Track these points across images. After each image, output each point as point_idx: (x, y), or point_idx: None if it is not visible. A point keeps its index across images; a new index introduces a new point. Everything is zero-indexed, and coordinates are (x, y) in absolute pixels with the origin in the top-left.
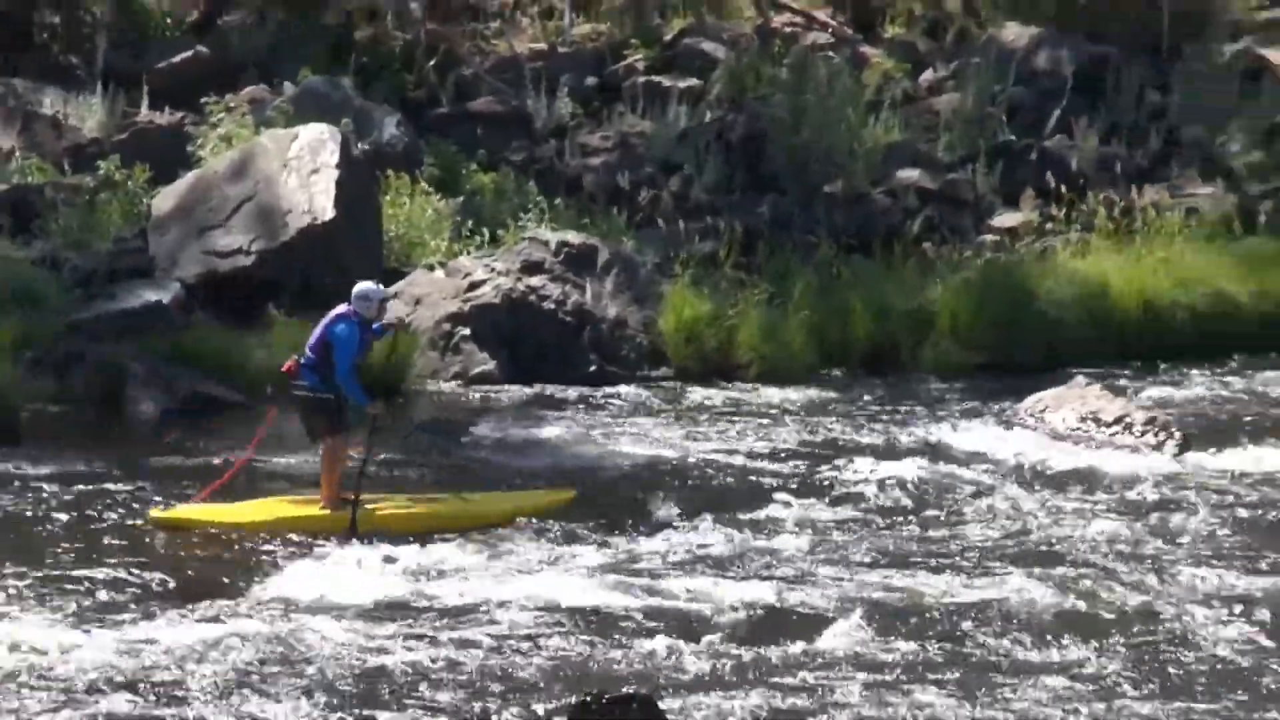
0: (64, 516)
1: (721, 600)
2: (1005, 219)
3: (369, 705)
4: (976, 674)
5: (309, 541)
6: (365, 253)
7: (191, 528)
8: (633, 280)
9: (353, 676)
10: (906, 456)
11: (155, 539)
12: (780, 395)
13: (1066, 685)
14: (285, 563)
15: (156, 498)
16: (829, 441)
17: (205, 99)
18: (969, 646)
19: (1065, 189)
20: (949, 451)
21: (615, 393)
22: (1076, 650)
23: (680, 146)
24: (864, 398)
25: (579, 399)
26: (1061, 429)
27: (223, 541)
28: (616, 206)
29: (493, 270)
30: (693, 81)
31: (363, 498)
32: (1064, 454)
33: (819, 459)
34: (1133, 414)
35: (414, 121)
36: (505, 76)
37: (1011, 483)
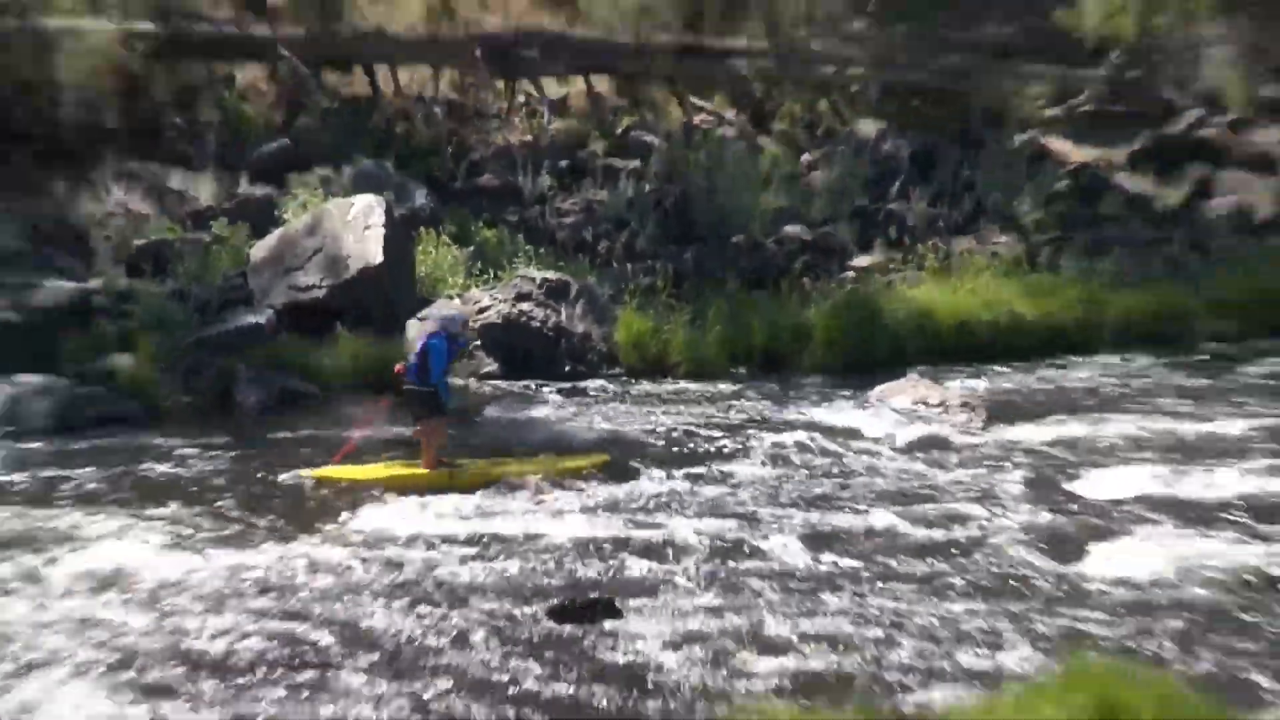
0: (194, 475)
1: (675, 531)
2: (861, 261)
3: (431, 602)
4: (859, 577)
5: (412, 493)
6: (404, 287)
7: (336, 482)
8: (595, 306)
9: (425, 585)
10: (795, 429)
11: (263, 489)
12: (702, 387)
13: (914, 589)
14: (390, 503)
15: (263, 461)
16: (740, 419)
17: (288, 177)
18: (853, 558)
19: (904, 239)
20: (823, 425)
21: (584, 386)
22: (918, 560)
23: (628, 210)
24: (762, 389)
25: (558, 391)
26: (901, 409)
27: (342, 491)
28: (583, 253)
29: (494, 299)
30: (636, 163)
31: (454, 461)
32: (902, 426)
33: (734, 431)
34: (950, 398)
35: (437, 193)
36: (502, 161)
37: (868, 446)
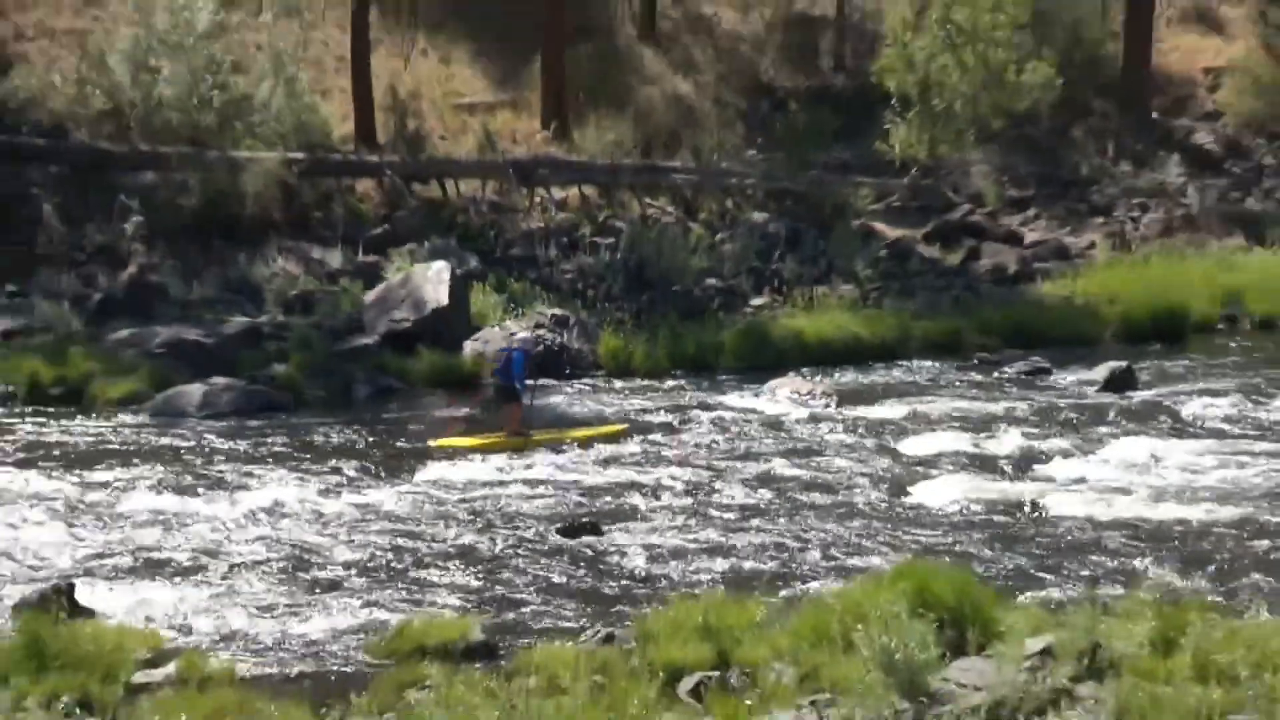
0: (327, 442)
1: (642, 477)
2: (756, 301)
3: (490, 523)
4: (763, 507)
5: (501, 453)
6: (462, 320)
7: (453, 449)
8: (585, 331)
9: (486, 512)
10: (718, 409)
11: (374, 450)
12: (655, 383)
13: (799, 515)
14: (460, 462)
15: (371, 431)
16: (681, 403)
17: (389, 250)
18: (760, 493)
19: (782, 288)
20: (736, 406)
21: (578, 385)
22: (801, 495)
23: (606, 270)
24: (694, 384)
25: (562, 387)
26: (784, 397)
27: (451, 454)
28: (577, 297)
29: (521, 327)
30: (612, 240)
31: (528, 433)
32: (786, 407)
33: (677, 410)
34: (816, 388)
35: (484, 260)
36: (525, 239)
37: (766, 420)
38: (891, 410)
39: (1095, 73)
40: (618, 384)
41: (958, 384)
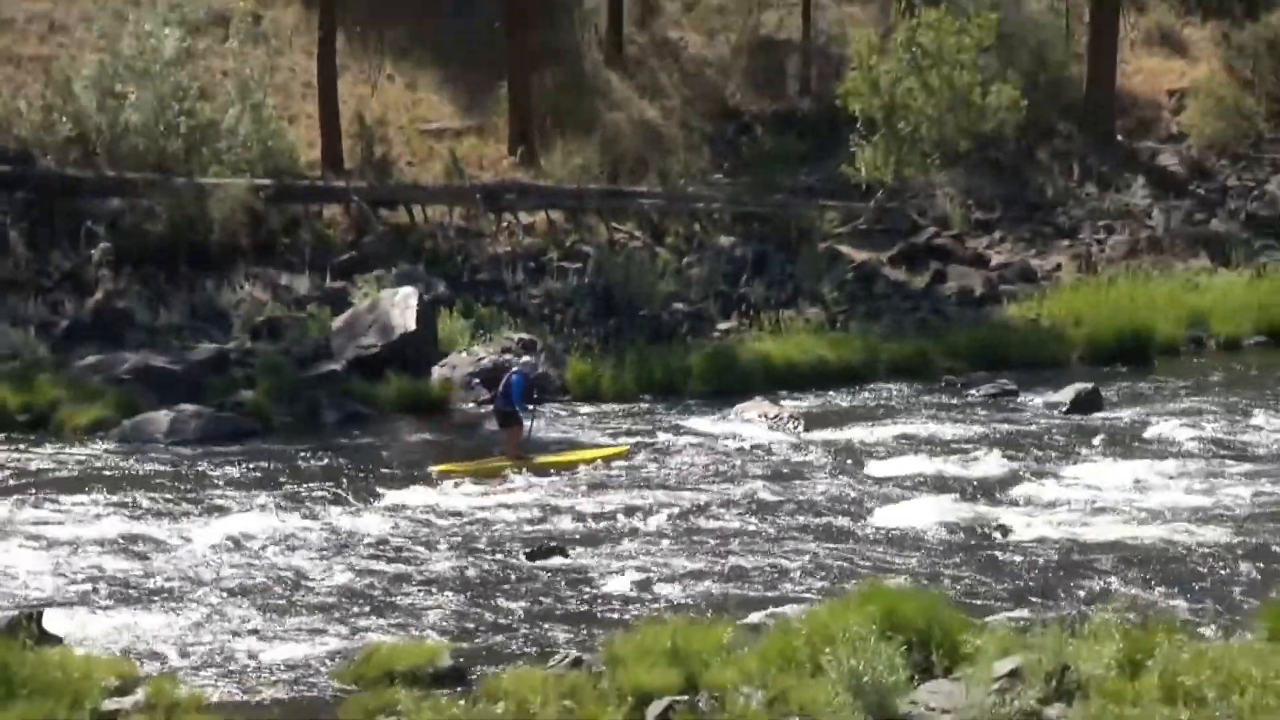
0: (295, 468)
1: (610, 499)
2: (723, 325)
3: (460, 545)
4: (729, 530)
5: (501, 476)
6: (429, 346)
7: (455, 473)
8: (553, 355)
9: (452, 535)
10: (685, 433)
11: (340, 476)
12: (623, 407)
13: (764, 536)
14: (428, 485)
15: (339, 458)
16: (649, 426)
17: (356, 276)
18: (725, 516)
19: (749, 312)
20: (703, 430)
21: (547, 409)
22: (766, 517)
23: (573, 294)
24: (661, 408)
25: (530, 410)
26: (751, 419)
27: (401, 475)
28: (545, 322)
29: (488, 352)
30: (579, 265)
31: (529, 456)
32: (753, 431)
33: (647, 432)
34: (781, 412)
35: (451, 285)
36: (493, 264)
37: (732, 443)
38: (858, 433)
39: (1060, 95)
40: (585, 409)
41: (924, 406)
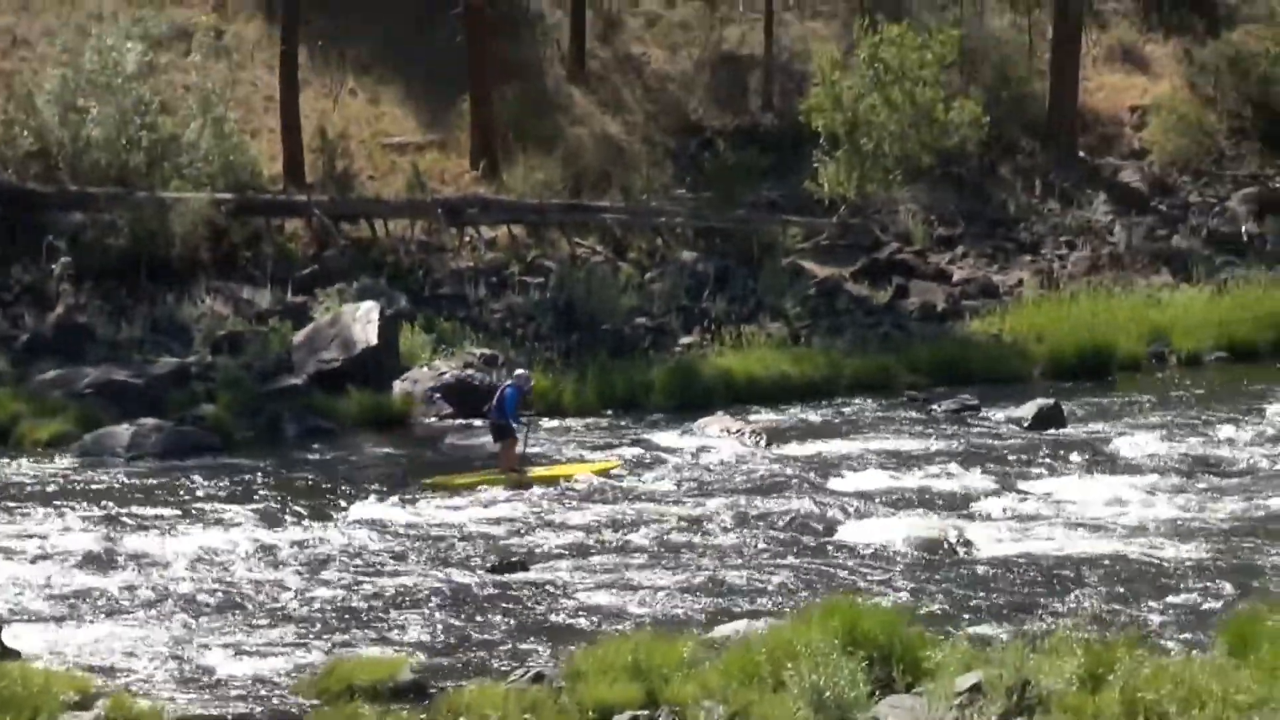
0: (255, 482)
1: (572, 517)
2: (685, 340)
3: (423, 559)
4: (693, 545)
5: (496, 490)
6: (391, 360)
7: (446, 487)
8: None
9: (412, 552)
10: (648, 448)
11: (301, 490)
12: (585, 421)
13: (726, 552)
14: (384, 500)
15: (300, 472)
16: (613, 440)
17: (317, 290)
18: (688, 532)
19: (711, 326)
20: (665, 445)
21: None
22: (729, 532)
23: (535, 309)
24: (624, 423)
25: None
26: (713, 434)
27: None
28: (506, 337)
29: (450, 367)
30: (541, 279)
31: (523, 470)
32: (714, 443)
33: (610, 447)
34: (744, 427)
35: (412, 299)
36: (455, 279)
37: (695, 459)
38: (820, 448)
39: (1022, 111)
40: (547, 424)
41: (887, 422)
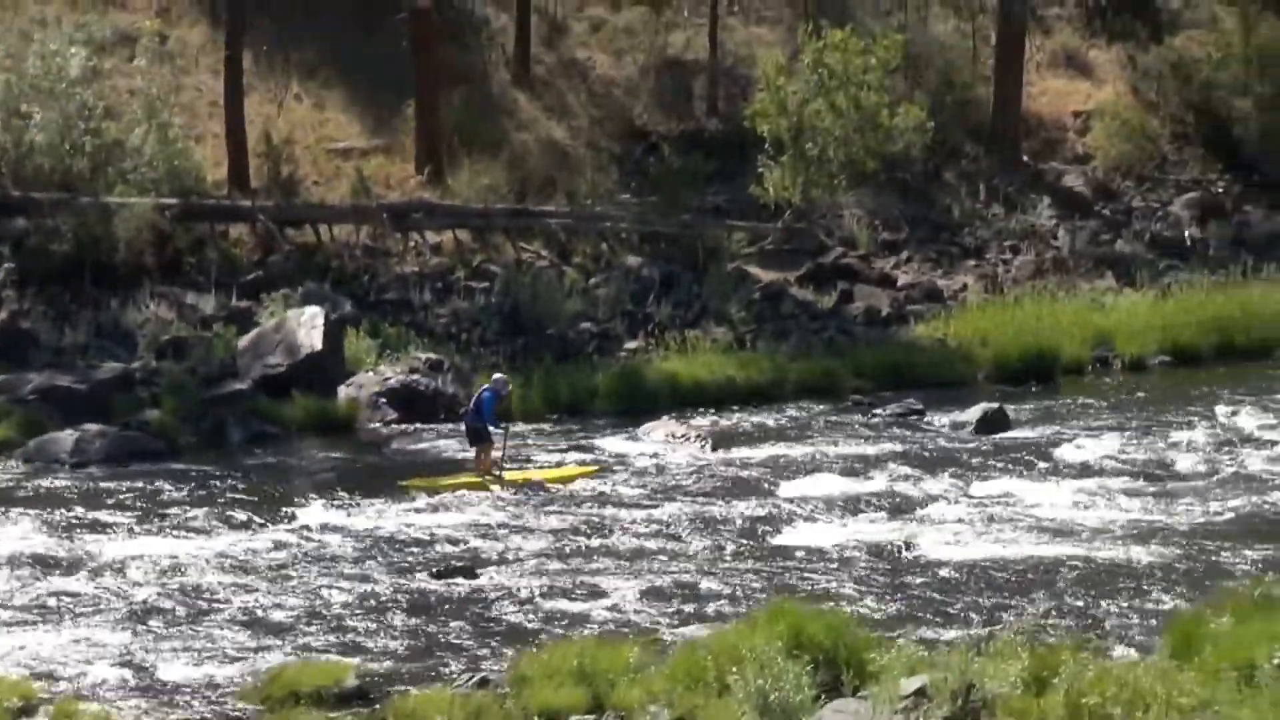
0: (200, 488)
1: (518, 521)
2: (630, 345)
3: (358, 571)
4: (638, 550)
5: (474, 492)
6: (336, 365)
7: (426, 489)
8: (459, 375)
9: (358, 557)
10: (592, 453)
11: (246, 496)
12: (531, 427)
13: (673, 557)
14: (330, 505)
15: (244, 477)
16: (558, 445)
17: (262, 295)
18: (633, 537)
19: (656, 331)
20: (610, 450)
21: (454, 428)
22: (676, 539)
23: (481, 314)
24: (569, 428)
25: (437, 430)
26: (658, 438)
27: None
28: (452, 341)
29: (395, 372)
30: (486, 284)
31: (500, 474)
32: (659, 448)
33: (556, 452)
34: (689, 432)
35: (357, 305)
36: (400, 284)
37: (640, 464)
38: (766, 452)
39: (966, 116)
40: (491, 428)
41: (832, 426)
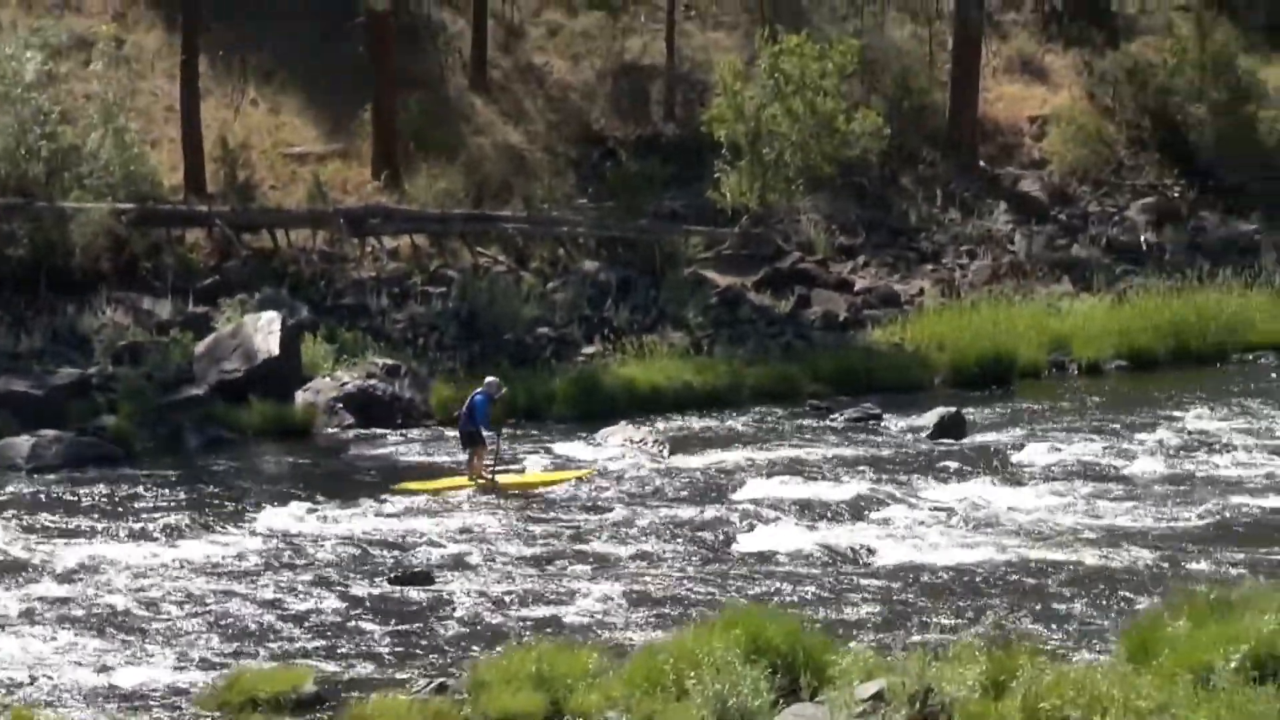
0: (157, 493)
1: (475, 527)
2: (588, 350)
3: (316, 577)
4: (596, 554)
5: (466, 495)
6: (293, 370)
7: (415, 492)
8: (416, 380)
9: (316, 563)
10: (554, 458)
11: (202, 500)
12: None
13: (628, 563)
14: (307, 511)
15: (201, 483)
16: (515, 450)
17: (219, 300)
18: (589, 542)
19: (614, 336)
20: (567, 455)
21: (411, 433)
22: (631, 544)
23: (438, 319)
24: (526, 433)
25: (394, 436)
26: (616, 444)
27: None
28: (409, 347)
29: (352, 377)
30: (444, 289)
31: (492, 477)
32: (617, 453)
33: (517, 456)
34: (647, 436)
35: (314, 310)
36: (357, 289)
37: (597, 466)
38: (723, 458)
39: (923, 121)
40: (450, 433)
41: (789, 431)
